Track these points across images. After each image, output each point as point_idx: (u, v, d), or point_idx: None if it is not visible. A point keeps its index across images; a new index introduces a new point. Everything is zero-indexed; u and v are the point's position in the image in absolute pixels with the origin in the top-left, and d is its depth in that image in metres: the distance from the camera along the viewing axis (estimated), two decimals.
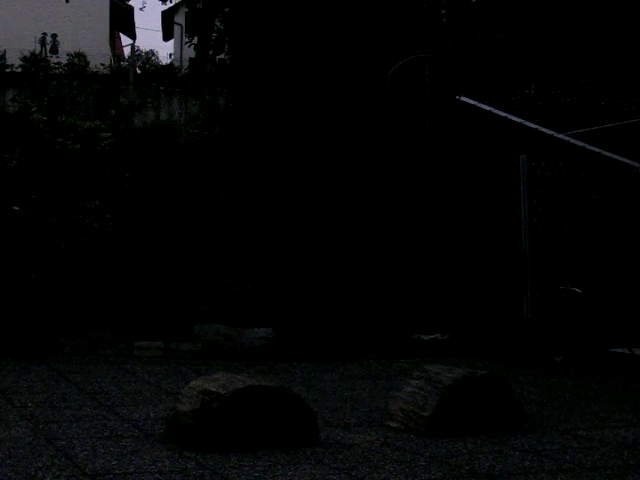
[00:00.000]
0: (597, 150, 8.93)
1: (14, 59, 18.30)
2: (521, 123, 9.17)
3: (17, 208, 8.93)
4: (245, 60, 11.78)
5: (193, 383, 4.68)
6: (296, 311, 8.86)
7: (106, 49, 27.98)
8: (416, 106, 10.49)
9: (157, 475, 3.83)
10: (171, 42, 35.37)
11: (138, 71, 19.38)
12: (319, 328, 8.77)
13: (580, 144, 8.89)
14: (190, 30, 22.98)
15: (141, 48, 27.68)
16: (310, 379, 7.23)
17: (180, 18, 31.45)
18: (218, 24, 12.92)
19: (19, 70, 17.40)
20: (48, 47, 26.00)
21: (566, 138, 8.90)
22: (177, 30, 32.92)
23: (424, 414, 4.83)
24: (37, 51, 22.91)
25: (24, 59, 18.00)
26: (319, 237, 9.76)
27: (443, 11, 12.49)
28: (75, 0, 28.75)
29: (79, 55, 19.11)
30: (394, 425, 5.00)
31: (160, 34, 37.45)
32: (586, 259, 8.74)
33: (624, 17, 10.10)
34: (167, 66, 20.37)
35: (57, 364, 7.70)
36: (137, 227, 9.48)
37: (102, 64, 18.54)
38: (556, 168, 8.72)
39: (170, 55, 30.80)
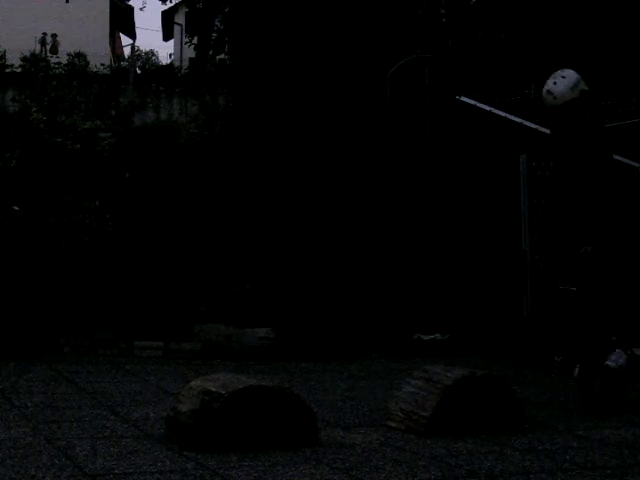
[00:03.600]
0: None
1: (14, 59, 18.27)
2: (521, 123, 9.16)
3: (17, 208, 8.94)
4: (245, 60, 11.79)
5: (193, 383, 4.68)
6: (296, 311, 8.87)
7: (106, 49, 28.01)
8: (416, 106, 10.49)
9: (157, 475, 3.83)
10: (171, 42, 35.39)
11: (138, 71, 19.38)
12: (319, 328, 8.78)
13: None
14: (190, 30, 23.00)
15: (141, 48, 27.74)
16: (310, 379, 7.23)
17: (180, 18, 31.50)
18: (218, 24, 12.94)
19: (19, 70, 17.38)
20: (48, 47, 26.02)
21: None
22: (177, 30, 32.96)
23: (424, 414, 4.83)
24: (37, 51, 22.92)
25: (24, 59, 17.98)
26: (319, 237, 9.76)
27: (443, 11, 12.50)
28: (75, 0, 28.79)
29: (79, 55, 19.12)
30: (394, 425, 5.00)
31: (160, 34, 37.49)
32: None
33: (624, 17, 10.10)
34: (167, 66, 20.38)
35: (57, 364, 7.70)
36: (137, 227, 9.48)
37: (102, 64, 18.54)
38: (556, 168, 8.69)
39: (170, 55, 30.83)
